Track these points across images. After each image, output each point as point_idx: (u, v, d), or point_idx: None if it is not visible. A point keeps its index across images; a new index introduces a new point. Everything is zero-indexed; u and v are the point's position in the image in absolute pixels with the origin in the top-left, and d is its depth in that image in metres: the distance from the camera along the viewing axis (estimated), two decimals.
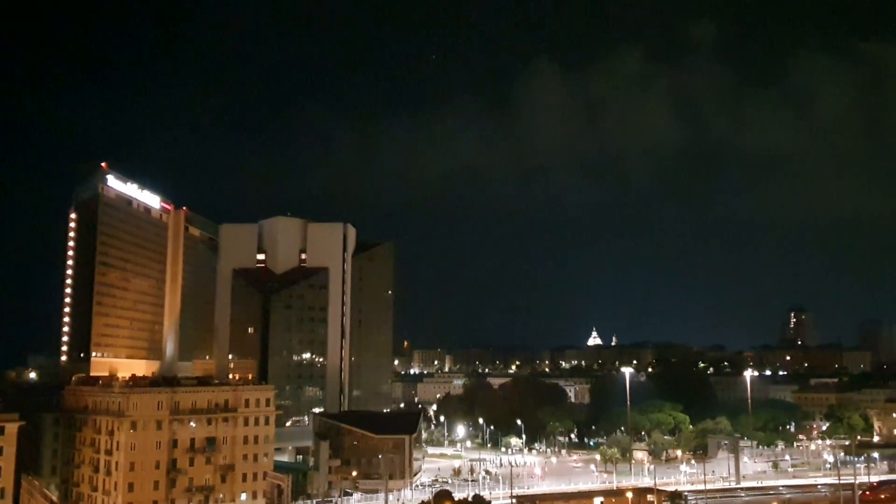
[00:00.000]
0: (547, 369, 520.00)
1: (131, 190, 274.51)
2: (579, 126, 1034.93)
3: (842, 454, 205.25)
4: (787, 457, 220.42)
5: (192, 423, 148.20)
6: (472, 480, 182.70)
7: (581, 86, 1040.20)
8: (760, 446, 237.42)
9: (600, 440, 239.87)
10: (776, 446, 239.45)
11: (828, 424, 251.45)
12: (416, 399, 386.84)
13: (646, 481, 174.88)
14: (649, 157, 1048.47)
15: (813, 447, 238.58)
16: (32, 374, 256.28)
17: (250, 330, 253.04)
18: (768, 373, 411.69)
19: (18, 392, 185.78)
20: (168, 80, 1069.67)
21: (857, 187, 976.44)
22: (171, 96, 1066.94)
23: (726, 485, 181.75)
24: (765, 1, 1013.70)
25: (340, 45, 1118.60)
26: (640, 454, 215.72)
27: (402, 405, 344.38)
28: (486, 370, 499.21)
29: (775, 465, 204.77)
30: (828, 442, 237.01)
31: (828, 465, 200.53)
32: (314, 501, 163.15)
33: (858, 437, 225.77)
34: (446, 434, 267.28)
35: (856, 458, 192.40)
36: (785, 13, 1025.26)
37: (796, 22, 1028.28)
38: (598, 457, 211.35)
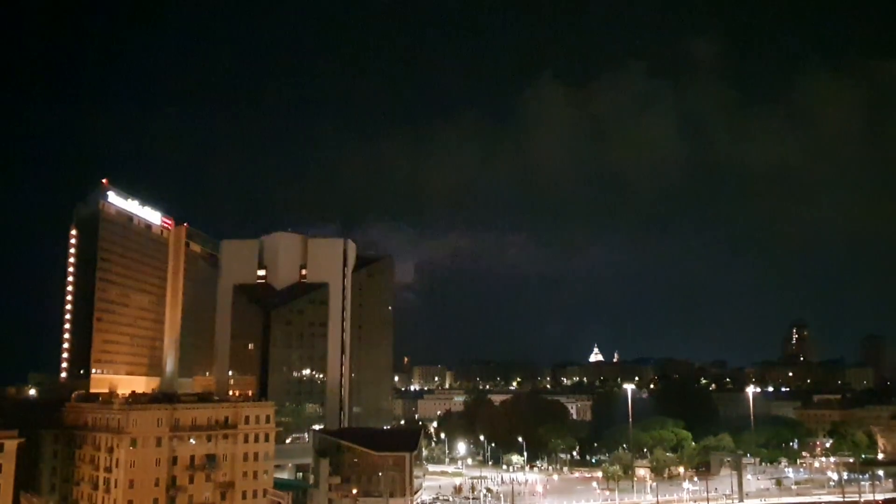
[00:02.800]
0: (548, 386, 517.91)
1: (132, 206, 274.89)
2: (582, 142, 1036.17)
3: (846, 472, 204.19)
4: (791, 474, 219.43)
5: (192, 440, 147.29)
6: (473, 498, 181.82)
7: (584, 102, 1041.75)
8: (763, 463, 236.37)
9: (602, 457, 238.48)
10: (779, 463, 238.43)
11: (831, 441, 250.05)
12: (416, 416, 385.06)
13: (648, 499, 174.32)
14: (652, 172, 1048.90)
15: (816, 464, 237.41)
16: (32, 391, 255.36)
17: (250, 346, 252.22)
18: (770, 389, 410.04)
19: (18, 409, 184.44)
20: (169, 96, 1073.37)
21: (859, 203, 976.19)
22: (172, 112, 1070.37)
23: (729, 502, 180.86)
24: (768, 18, 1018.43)
25: (343, 60, 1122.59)
26: (642, 471, 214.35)
27: (402, 422, 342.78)
28: (487, 387, 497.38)
29: (779, 483, 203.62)
30: (831, 459, 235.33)
31: (832, 483, 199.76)
32: None
33: (862, 455, 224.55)
34: (447, 451, 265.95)
35: (860, 476, 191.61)
36: (788, 30, 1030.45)
37: (800, 39, 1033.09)
38: (600, 474, 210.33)
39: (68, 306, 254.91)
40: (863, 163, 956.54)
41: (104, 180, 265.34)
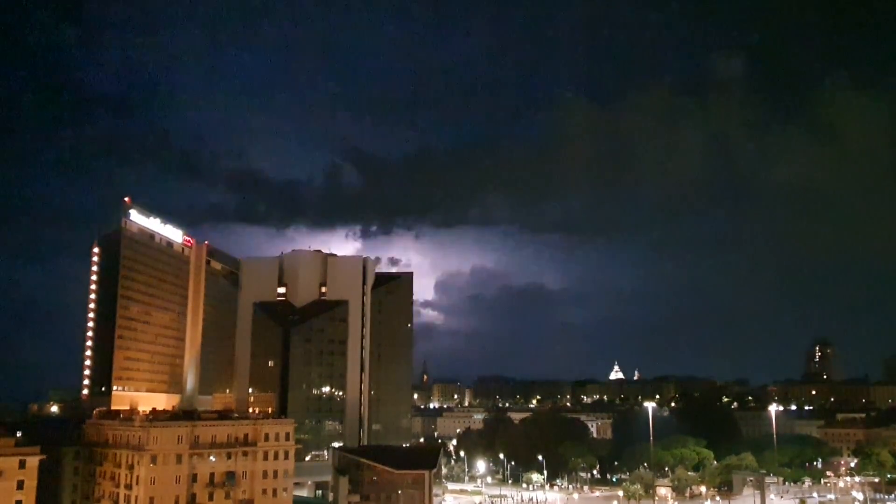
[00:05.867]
0: (568, 404, 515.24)
1: (154, 224, 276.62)
2: (607, 160, 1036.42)
3: (871, 492, 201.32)
4: (815, 494, 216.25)
5: (212, 458, 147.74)
6: None
7: (607, 120, 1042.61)
8: (787, 483, 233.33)
9: (623, 476, 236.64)
10: (803, 483, 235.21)
11: (856, 461, 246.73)
12: (435, 434, 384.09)
13: None
14: (675, 189, 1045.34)
15: (841, 484, 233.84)
16: (54, 408, 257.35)
17: (270, 363, 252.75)
18: (793, 408, 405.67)
19: (39, 425, 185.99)
20: (191, 114, 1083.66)
21: (883, 220, 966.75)
22: (193, 130, 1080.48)
23: None
24: (792, 34, 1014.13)
25: (366, 82, 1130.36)
26: (663, 490, 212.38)
27: (421, 440, 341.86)
28: (507, 405, 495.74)
29: (802, 503, 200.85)
30: (856, 479, 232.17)
31: (857, 503, 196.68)
32: None
33: (888, 475, 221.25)
34: (466, 469, 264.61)
35: (886, 496, 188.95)
36: (812, 47, 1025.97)
37: (824, 55, 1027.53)
38: (620, 493, 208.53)
39: (90, 324, 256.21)
40: (887, 179, 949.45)
41: (126, 198, 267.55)
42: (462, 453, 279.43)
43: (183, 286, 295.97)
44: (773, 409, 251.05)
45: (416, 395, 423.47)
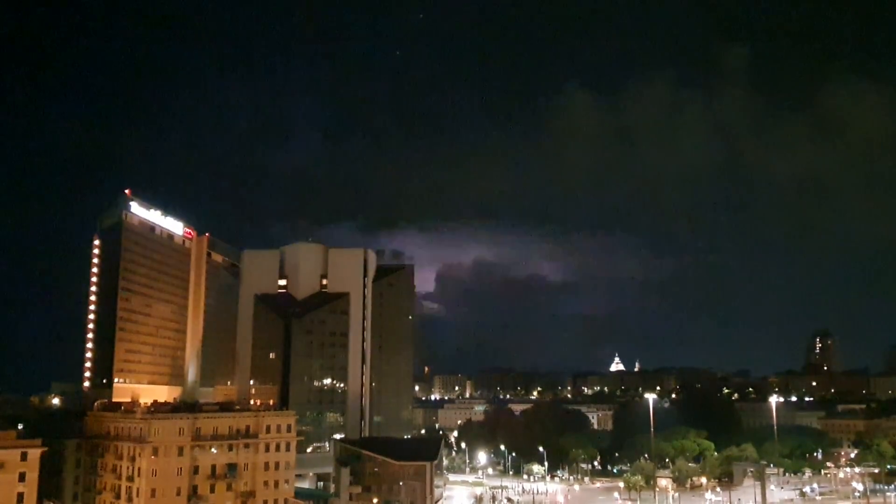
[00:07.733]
0: (569, 395, 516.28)
1: (154, 216, 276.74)
2: (610, 151, 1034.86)
3: (871, 482, 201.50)
4: (815, 485, 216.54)
5: (214, 449, 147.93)
6: None
7: (612, 111, 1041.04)
8: (787, 474, 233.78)
9: (624, 467, 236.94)
10: (803, 474, 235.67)
11: (856, 452, 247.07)
12: (436, 425, 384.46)
13: None
14: (679, 181, 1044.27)
15: (841, 475, 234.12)
16: (55, 400, 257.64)
17: (272, 355, 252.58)
18: (794, 399, 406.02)
19: (41, 418, 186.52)
20: (192, 109, 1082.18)
21: (885, 212, 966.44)
22: (194, 124, 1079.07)
23: None
24: (797, 25, 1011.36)
25: (369, 75, 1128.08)
26: (664, 482, 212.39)
27: (422, 431, 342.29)
28: (508, 396, 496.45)
29: (802, 494, 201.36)
30: (856, 470, 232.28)
31: (857, 494, 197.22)
32: None
33: (888, 465, 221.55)
34: (468, 461, 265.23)
35: (886, 487, 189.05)
36: (817, 38, 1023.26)
37: (829, 46, 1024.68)
38: (621, 484, 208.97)
39: (91, 316, 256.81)
40: (891, 171, 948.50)
41: (127, 191, 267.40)
42: (463, 445, 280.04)
43: (184, 278, 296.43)
44: (774, 400, 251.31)
45: (417, 387, 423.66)
